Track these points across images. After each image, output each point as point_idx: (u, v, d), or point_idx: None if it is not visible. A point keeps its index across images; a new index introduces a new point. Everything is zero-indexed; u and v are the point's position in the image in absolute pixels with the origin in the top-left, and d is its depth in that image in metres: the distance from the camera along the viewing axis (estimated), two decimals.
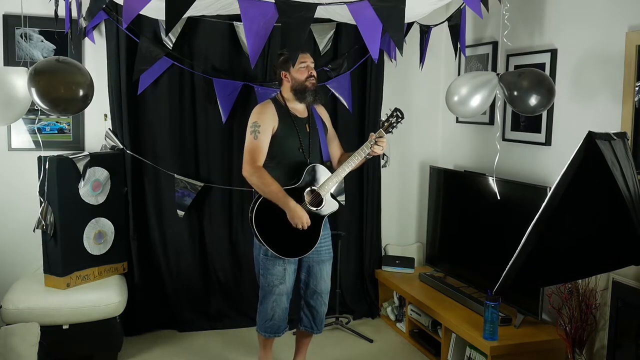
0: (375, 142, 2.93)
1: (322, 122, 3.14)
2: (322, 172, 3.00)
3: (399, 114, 3.00)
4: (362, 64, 4.05)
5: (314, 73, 3.02)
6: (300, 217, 2.86)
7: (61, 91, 2.47)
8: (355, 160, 2.95)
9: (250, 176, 2.90)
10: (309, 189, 2.95)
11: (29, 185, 3.47)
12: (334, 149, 3.19)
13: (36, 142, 3.61)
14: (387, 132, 2.99)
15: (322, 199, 2.96)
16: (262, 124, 2.93)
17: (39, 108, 2.50)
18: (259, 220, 2.90)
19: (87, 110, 2.68)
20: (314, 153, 3.04)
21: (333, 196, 3.03)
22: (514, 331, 3.14)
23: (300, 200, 2.91)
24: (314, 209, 2.94)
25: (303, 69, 2.98)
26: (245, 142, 2.96)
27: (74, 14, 3.35)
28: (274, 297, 3.01)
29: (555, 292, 3.05)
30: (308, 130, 3.04)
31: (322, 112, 3.20)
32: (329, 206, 3.01)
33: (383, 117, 3.05)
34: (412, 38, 3.91)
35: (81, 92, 2.50)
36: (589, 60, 3.05)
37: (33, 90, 2.44)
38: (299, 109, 3.05)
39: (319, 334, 3.22)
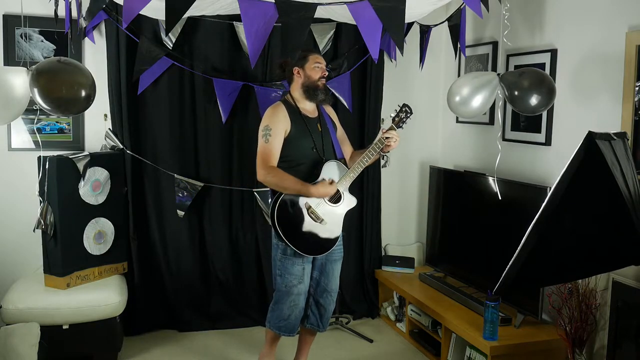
0: (387, 137, 2.95)
1: (331, 121, 3.15)
2: (339, 169, 3.00)
3: (407, 109, 3.02)
4: (362, 64, 4.05)
5: (326, 74, 3.05)
6: (325, 191, 2.88)
7: (63, 92, 2.48)
8: (369, 156, 2.96)
9: (266, 177, 2.88)
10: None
11: (29, 185, 3.47)
12: (346, 147, 3.21)
13: (36, 142, 3.61)
14: (398, 127, 3.01)
15: (341, 195, 2.97)
16: (274, 127, 2.91)
17: (39, 108, 2.50)
18: (281, 220, 2.89)
19: (87, 110, 2.68)
20: (327, 152, 3.04)
21: (350, 192, 3.03)
22: (514, 331, 3.14)
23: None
24: (334, 205, 2.94)
25: (317, 68, 3.00)
26: (258, 147, 2.94)
27: (74, 14, 3.35)
28: (292, 298, 3.00)
29: (555, 292, 3.05)
30: (320, 129, 3.05)
31: (331, 112, 3.23)
32: (348, 202, 3.01)
33: (392, 113, 3.05)
34: (412, 38, 3.91)
35: (83, 93, 2.51)
36: (589, 60, 3.05)
37: (35, 90, 2.45)
38: (308, 109, 3.05)
39: (323, 332, 3.24)
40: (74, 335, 3.21)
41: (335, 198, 2.95)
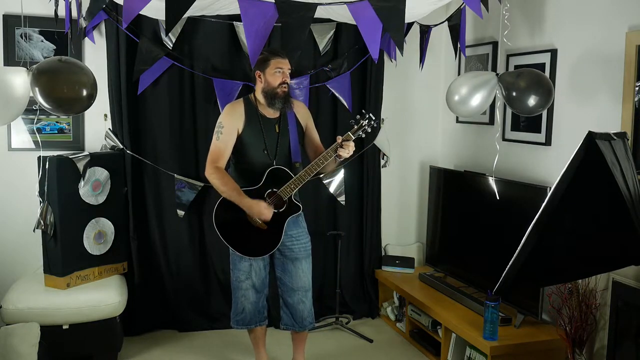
0: (341, 145, 2.86)
1: (296, 121, 3.07)
2: (285, 175, 2.97)
3: (371, 116, 2.93)
4: (362, 64, 4.05)
5: (288, 80, 2.97)
6: (258, 211, 2.87)
7: (64, 91, 2.49)
8: (319, 164, 2.89)
9: (210, 175, 2.95)
10: (269, 190, 2.95)
11: (29, 185, 3.47)
12: (310, 146, 3.14)
13: (36, 142, 3.61)
14: (355, 135, 2.92)
15: (284, 202, 2.96)
16: (226, 126, 2.96)
17: (39, 108, 2.50)
18: (220, 220, 2.97)
19: (87, 110, 2.68)
20: (281, 155, 3.01)
21: (296, 199, 3.02)
22: (514, 331, 3.14)
23: None
24: (274, 210, 2.94)
25: (278, 74, 2.93)
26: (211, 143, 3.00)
27: (74, 14, 3.35)
28: (242, 292, 3.10)
29: (555, 292, 3.05)
30: (277, 131, 3.01)
31: (300, 109, 3.13)
32: (290, 209, 2.99)
33: (353, 119, 2.96)
34: (412, 38, 3.91)
35: (84, 92, 2.51)
36: (589, 60, 3.05)
37: (36, 90, 2.45)
38: (269, 109, 3.02)
39: (312, 331, 3.27)
40: (74, 335, 3.21)
41: (278, 204, 2.94)
